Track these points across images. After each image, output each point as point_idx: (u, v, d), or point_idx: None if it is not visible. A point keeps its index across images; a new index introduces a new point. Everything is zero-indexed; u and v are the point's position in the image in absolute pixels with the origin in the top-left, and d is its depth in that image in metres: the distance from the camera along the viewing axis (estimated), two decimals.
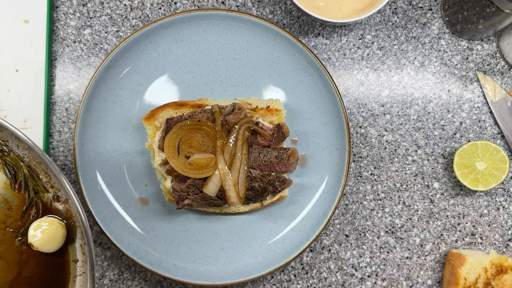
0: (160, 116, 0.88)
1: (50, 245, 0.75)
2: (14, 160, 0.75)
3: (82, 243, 0.76)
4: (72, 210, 0.76)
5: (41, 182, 0.76)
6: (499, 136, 0.96)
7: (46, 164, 0.74)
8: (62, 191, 0.76)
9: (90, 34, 0.95)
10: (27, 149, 0.75)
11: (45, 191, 0.76)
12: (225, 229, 0.92)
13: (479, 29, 0.91)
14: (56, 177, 0.74)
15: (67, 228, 0.77)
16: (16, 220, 0.77)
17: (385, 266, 0.95)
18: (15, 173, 0.76)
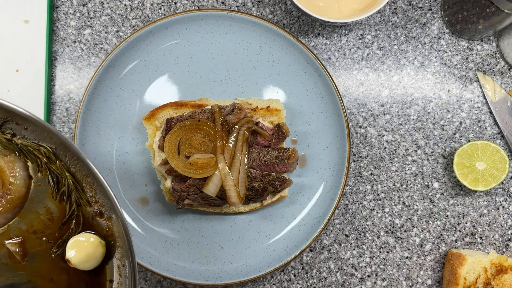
0: (160, 116, 0.88)
1: (88, 263, 0.71)
2: (59, 169, 0.72)
3: (120, 264, 0.72)
4: (114, 229, 0.72)
5: (85, 195, 0.72)
6: (499, 136, 0.96)
7: (94, 178, 0.69)
8: (106, 207, 0.72)
9: (90, 34, 0.95)
10: (75, 160, 0.71)
11: (88, 205, 0.73)
12: (225, 229, 0.92)
13: (479, 29, 0.91)
14: (104, 192, 0.70)
15: (106, 246, 0.73)
16: (54, 231, 0.73)
17: (385, 266, 0.95)
18: (58, 182, 0.72)
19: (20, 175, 0.71)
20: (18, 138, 0.70)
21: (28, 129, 0.70)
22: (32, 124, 0.69)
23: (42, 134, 0.70)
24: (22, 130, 0.70)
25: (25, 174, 0.71)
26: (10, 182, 0.70)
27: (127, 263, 0.71)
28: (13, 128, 0.70)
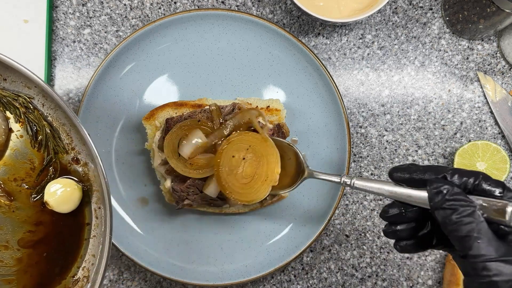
0: (160, 116, 0.88)
1: (66, 205, 0.75)
2: (37, 118, 0.75)
3: (96, 207, 0.76)
4: (90, 174, 0.76)
5: (61, 143, 0.76)
6: (499, 136, 0.96)
7: (72, 124, 0.73)
8: (83, 153, 0.76)
9: (90, 34, 0.95)
10: (52, 109, 0.74)
11: (65, 152, 0.76)
12: (225, 229, 0.92)
13: (479, 29, 0.90)
14: (81, 138, 0.73)
15: (83, 191, 0.77)
16: (34, 179, 0.77)
17: (386, 267, 0.95)
18: (36, 131, 0.76)
19: (0, 124, 0.74)
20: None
21: (8, 79, 0.72)
22: (12, 73, 0.71)
23: (21, 84, 0.73)
24: (1, 81, 0.73)
25: (4, 123, 0.74)
26: None
27: (103, 205, 0.74)
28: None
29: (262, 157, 0.76)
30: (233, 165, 0.76)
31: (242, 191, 0.76)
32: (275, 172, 0.76)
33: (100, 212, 0.75)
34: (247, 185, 0.76)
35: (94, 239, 0.76)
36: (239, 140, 0.76)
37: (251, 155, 0.76)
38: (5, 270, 0.74)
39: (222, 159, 0.76)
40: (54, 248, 0.75)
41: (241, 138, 0.77)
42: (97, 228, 0.76)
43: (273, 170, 0.76)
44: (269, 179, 0.76)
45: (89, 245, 0.76)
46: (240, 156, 0.76)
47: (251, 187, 0.76)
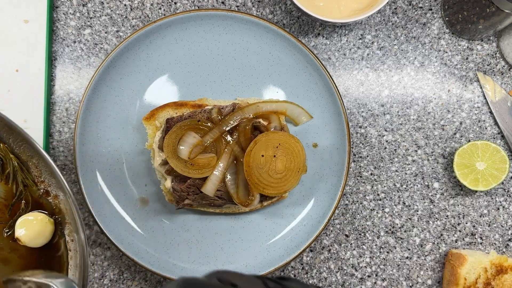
0: (160, 116, 0.88)
1: (37, 240, 0.75)
2: (3, 151, 0.75)
3: (69, 239, 0.77)
4: (61, 206, 0.76)
5: (30, 176, 0.76)
6: (499, 136, 0.96)
7: (40, 157, 0.73)
8: (53, 186, 0.76)
9: (90, 34, 0.95)
10: (19, 141, 0.74)
11: (34, 185, 0.76)
12: (225, 229, 0.92)
13: (479, 29, 0.91)
14: (50, 171, 0.73)
15: (55, 223, 0.77)
16: (4, 213, 0.76)
17: (385, 266, 0.95)
18: (3, 164, 0.75)
19: None
20: None
21: None
22: None
23: None
24: None
25: None
26: None
27: (76, 237, 0.74)
28: None
29: (293, 153, 0.83)
30: (262, 163, 0.82)
31: (276, 185, 0.83)
32: (305, 164, 0.85)
33: (74, 244, 0.75)
34: (281, 179, 0.83)
35: (69, 271, 0.76)
36: (267, 140, 0.83)
37: (282, 152, 0.82)
38: None
39: (252, 159, 0.82)
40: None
41: (269, 138, 0.83)
42: (72, 259, 0.76)
43: (303, 162, 0.84)
44: (300, 170, 0.84)
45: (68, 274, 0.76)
46: (269, 154, 0.82)
47: (286, 180, 0.83)
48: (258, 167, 0.82)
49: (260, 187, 0.83)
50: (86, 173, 0.89)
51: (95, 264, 0.94)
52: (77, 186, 0.94)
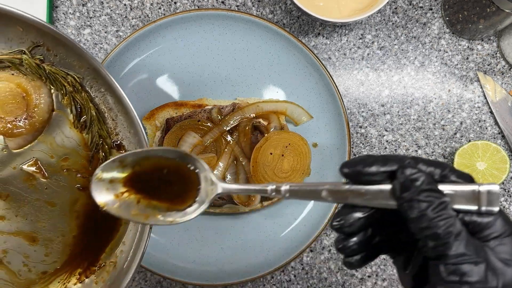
0: (160, 116, 0.88)
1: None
2: (84, 99, 0.73)
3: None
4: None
5: (105, 127, 0.74)
6: (499, 136, 0.96)
7: (121, 111, 0.71)
8: (126, 140, 0.73)
9: (90, 34, 0.95)
10: (101, 92, 0.72)
11: (108, 136, 0.74)
12: (225, 229, 0.92)
13: (479, 29, 0.90)
14: (130, 124, 0.70)
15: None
16: (85, 166, 0.75)
17: (385, 267, 0.95)
18: (81, 112, 0.74)
19: (45, 100, 0.73)
20: (47, 64, 0.71)
21: (58, 56, 0.71)
22: (64, 50, 0.69)
23: (71, 63, 0.71)
24: (52, 56, 0.71)
25: (49, 100, 0.73)
26: (35, 105, 0.72)
27: None
28: (43, 54, 0.71)
29: (300, 154, 0.84)
30: (269, 160, 0.83)
31: None
32: (309, 166, 0.86)
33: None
34: (286, 179, 0.84)
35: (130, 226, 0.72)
36: (279, 139, 0.84)
37: (290, 152, 0.84)
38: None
39: (260, 156, 0.83)
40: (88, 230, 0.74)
41: (280, 137, 0.84)
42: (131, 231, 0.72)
43: (308, 164, 0.86)
44: (305, 172, 0.86)
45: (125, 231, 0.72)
46: (277, 152, 0.83)
47: (290, 181, 0.85)
48: (265, 164, 0.83)
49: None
50: None
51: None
52: None
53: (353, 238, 0.48)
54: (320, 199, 0.49)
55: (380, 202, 0.46)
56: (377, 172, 0.46)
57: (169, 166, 0.58)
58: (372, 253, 0.50)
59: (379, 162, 0.46)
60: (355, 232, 0.48)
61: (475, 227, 0.45)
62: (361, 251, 0.49)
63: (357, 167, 0.47)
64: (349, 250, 0.48)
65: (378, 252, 0.50)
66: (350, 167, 0.47)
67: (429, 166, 0.46)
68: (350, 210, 0.48)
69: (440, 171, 0.46)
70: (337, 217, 0.48)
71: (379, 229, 0.49)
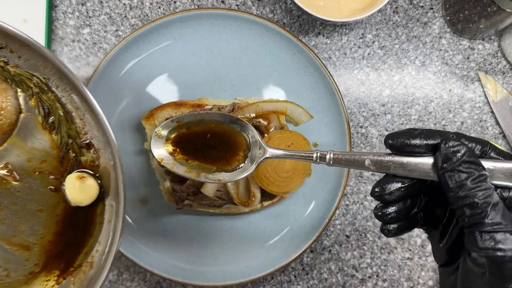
0: (160, 116, 0.87)
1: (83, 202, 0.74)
2: (50, 99, 0.73)
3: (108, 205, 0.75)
4: (101, 161, 0.74)
5: (74, 127, 0.74)
6: (500, 136, 0.96)
7: (87, 109, 0.72)
8: (95, 139, 0.74)
9: (89, 34, 0.94)
10: (67, 91, 0.73)
11: (77, 136, 0.74)
12: (225, 229, 0.91)
13: (480, 29, 0.90)
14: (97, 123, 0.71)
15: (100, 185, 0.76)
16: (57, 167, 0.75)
17: (386, 267, 0.95)
18: (49, 113, 0.74)
19: (11, 103, 0.72)
20: (12, 66, 0.71)
21: (22, 57, 0.71)
22: (27, 51, 0.70)
23: (36, 64, 0.71)
24: (15, 58, 0.71)
25: (16, 102, 0.73)
26: (1, 108, 0.72)
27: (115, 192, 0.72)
28: (7, 56, 0.71)
29: None
30: (271, 160, 0.82)
31: (281, 184, 0.83)
32: (310, 167, 0.85)
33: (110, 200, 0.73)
34: (287, 178, 0.83)
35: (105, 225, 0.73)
36: (281, 138, 0.83)
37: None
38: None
39: None
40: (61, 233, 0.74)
41: (283, 136, 0.83)
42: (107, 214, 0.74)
43: (310, 165, 0.85)
44: (306, 172, 0.85)
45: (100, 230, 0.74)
46: None
47: (290, 181, 0.84)
48: (267, 163, 0.82)
49: (264, 183, 0.83)
50: None
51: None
52: None
53: (392, 207, 0.51)
54: (363, 168, 0.52)
55: (421, 173, 0.49)
56: (420, 144, 0.50)
57: (215, 131, 0.66)
58: (409, 224, 0.53)
59: (423, 135, 0.50)
60: (395, 200, 0.51)
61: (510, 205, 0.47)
62: (399, 220, 0.52)
63: (401, 138, 0.50)
64: (388, 218, 0.51)
65: (414, 224, 0.53)
66: (394, 138, 0.51)
67: (470, 141, 0.50)
68: (391, 180, 0.51)
69: (480, 147, 0.49)
70: (378, 185, 0.51)
71: (417, 201, 0.52)
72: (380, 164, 0.51)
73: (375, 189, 0.52)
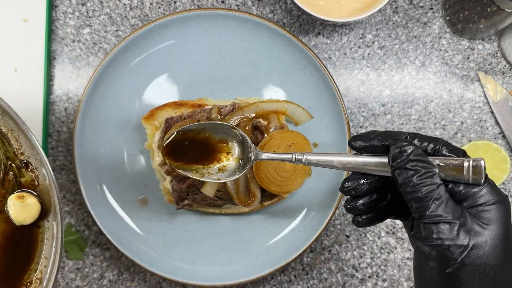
0: (160, 116, 0.87)
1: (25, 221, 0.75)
2: None
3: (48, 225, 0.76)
4: (40, 180, 0.76)
5: (12, 148, 0.76)
6: (500, 136, 0.96)
7: (20, 130, 0.74)
8: (32, 158, 0.76)
9: (89, 34, 0.94)
10: (0, 114, 0.74)
11: (15, 157, 0.76)
12: (225, 229, 0.91)
13: (480, 29, 0.90)
14: (29, 143, 0.73)
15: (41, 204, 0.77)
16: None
17: (386, 267, 0.95)
18: None
19: None
20: None
21: None
22: None
23: None
24: None
25: None
26: None
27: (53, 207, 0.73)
28: None
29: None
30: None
31: (281, 184, 0.83)
32: (310, 167, 0.85)
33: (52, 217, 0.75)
34: (288, 178, 0.83)
35: (46, 241, 0.75)
36: (282, 137, 0.83)
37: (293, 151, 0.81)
38: None
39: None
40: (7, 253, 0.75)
41: (284, 136, 0.83)
42: (49, 230, 0.76)
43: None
44: (306, 172, 0.85)
45: (42, 248, 0.76)
46: (281, 151, 0.82)
47: (291, 180, 0.84)
48: (268, 162, 0.82)
49: (265, 182, 0.83)
50: (85, 173, 0.88)
51: (94, 264, 0.94)
52: (76, 186, 0.93)
53: (359, 200, 0.57)
54: (334, 167, 0.59)
55: (381, 170, 0.56)
56: (377, 145, 0.56)
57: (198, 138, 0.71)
58: (378, 216, 0.59)
59: (379, 137, 0.56)
60: (361, 195, 0.57)
61: (462, 196, 0.52)
62: (367, 212, 0.58)
63: (361, 141, 0.57)
64: (356, 209, 0.58)
65: (384, 215, 0.59)
66: (356, 140, 0.58)
67: (424, 141, 0.54)
68: (356, 177, 0.58)
69: (433, 145, 0.54)
70: (345, 182, 0.58)
71: (384, 195, 0.58)
72: (346, 164, 0.58)
73: (343, 184, 0.58)
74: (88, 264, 0.94)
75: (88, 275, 0.94)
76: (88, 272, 0.94)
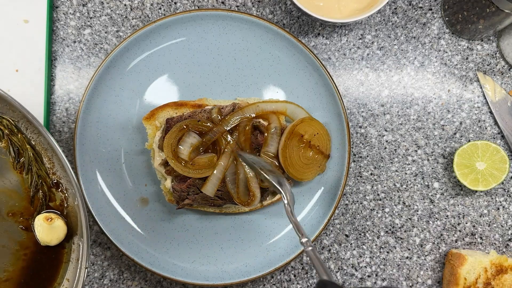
0: (160, 116, 0.88)
1: (51, 242, 0.77)
2: (20, 141, 0.76)
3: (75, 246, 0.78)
4: (69, 200, 0.77)
5: (44, 167, 0.76)
6: (499, 136, 0.96)
7: (53, 151, 0.75)
8: (64, 179, 0.77)
9: (90, 34, 0.95)
10: (36, 133, 0.75)
11: (47, 176, 0.77)
12: (225, 229, 0.92)
13: (479, 29, 0.91)
14: (61, 165, 0.74)
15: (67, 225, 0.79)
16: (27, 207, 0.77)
17: (385, 266, 0.95)
18: (19, 154, 0.77)
19: None
20: None
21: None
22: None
23: (5, 107, 0.74)
24: None
25: None
26: None
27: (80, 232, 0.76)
28: None
29: (324, 147, 0.87)
30: (298, 142, 0.85)
31: (299, 169, 0.86)
32: (325, 164, 0.88)
33: (78, 239, 0.77)
34: (306, 165, 0.86)
35: (70, 264, 0.77)
36: (309, 124, 0.86)
37: (316, 141, 0.87)
38: None
39: (294, 134, 0.85)
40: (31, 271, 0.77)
41: (312, 124, 0.86)
42: (73, 252, 0.78)
43: (325, 161, 0.88)
44: (320, 167, 0.88)
45: (66, 269, 0.77)
46: (307, 137, 0.85)
47: (308, 169, 0.87)
48: (294, 144, 0.85)
49: (286, 163, 0.85)
50: (86, 173, 0.89)
51: (95, 264, 0.94)
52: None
53: None
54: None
55: None
56: None
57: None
58: None
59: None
60: None
61: None
62: None
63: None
64: None
65: None
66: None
67: None
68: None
69: None
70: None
71: None
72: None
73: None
74: (89, 264, 0.94)
75: (89, 274, 0.94)
76: (89, 272, 0.94)
